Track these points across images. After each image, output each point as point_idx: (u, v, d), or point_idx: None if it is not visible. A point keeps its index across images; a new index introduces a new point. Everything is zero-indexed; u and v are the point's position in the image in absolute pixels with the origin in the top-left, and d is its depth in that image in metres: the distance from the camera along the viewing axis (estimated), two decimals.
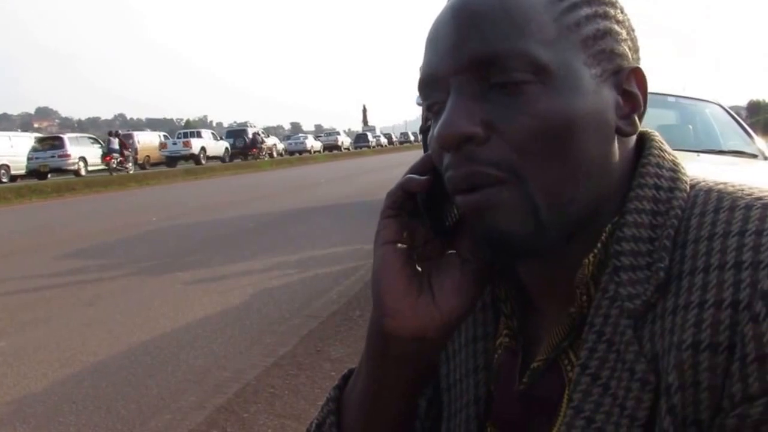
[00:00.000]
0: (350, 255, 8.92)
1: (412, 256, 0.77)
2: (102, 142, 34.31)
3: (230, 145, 44.01)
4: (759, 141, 6.18)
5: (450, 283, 0.76)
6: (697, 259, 0.65)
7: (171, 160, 39.72)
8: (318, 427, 0.88)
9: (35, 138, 33.95)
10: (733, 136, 6.15)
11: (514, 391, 0.80)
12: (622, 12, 0.77)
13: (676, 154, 0.78)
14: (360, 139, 71.60)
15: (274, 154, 49.23)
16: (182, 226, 13.10)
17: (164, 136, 44.07)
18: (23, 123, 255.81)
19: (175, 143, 40.44)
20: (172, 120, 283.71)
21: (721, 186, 0.72)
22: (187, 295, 7.30)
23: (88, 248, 10.88)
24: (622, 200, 0.73)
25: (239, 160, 42.53)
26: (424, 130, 11.25)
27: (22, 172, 31.32)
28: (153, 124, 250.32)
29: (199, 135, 42.61)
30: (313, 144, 61.08)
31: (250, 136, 45.72)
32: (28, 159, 31.28)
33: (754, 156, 5.76)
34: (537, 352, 0.78)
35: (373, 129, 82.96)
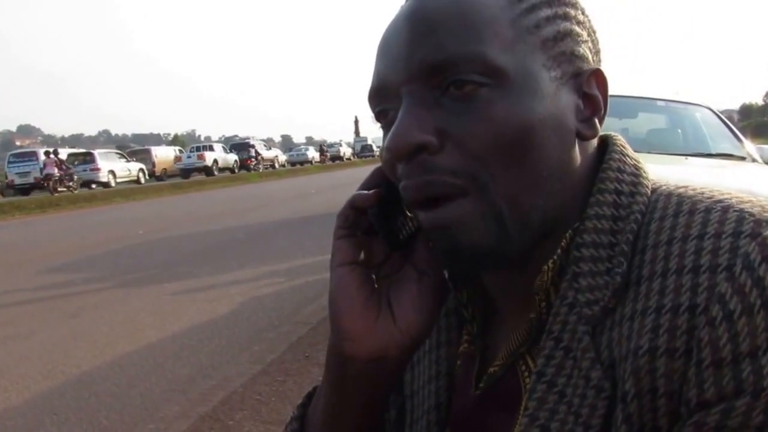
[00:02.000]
0: None
1: (368, 275, 0.77)
2: (127, 157, 40.34)
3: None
4: (748, 144, 6.23)
5: (408, 299, 0.75)
6: (656, 263, 0.65)
7: (185, 172, 43.05)
8: None
9: (68, 154, 36.50)
10: (722, 139, 6.19)
11: (471, 397, 0.80)
12: (582, 13, 0.76)
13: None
14: (365, 150, 76.58)
15: (276, 165, 52.39)
16: (170, 238, 13.06)
17: (179, 150, 49.11)
18: (5, 141, 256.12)
19: (189, 156, 44.66)
20: (159, 135, 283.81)
21: (681, 189, 0.71)
22: (175, 305, 7.25)
23: (73, 262, 10.82)
24: (583, 205, 0.72)
25: (244, 172, 45.60)
26: None
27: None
28: (139, 140, 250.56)
29: (211, 148, 46.65)
30: (314, 155, 65.76)
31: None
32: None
33: (743, 159, 5.80)
34: (496, 357, 0.78)
35: (365, 140, 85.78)
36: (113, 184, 35.61)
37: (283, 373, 4.80)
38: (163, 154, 45.59)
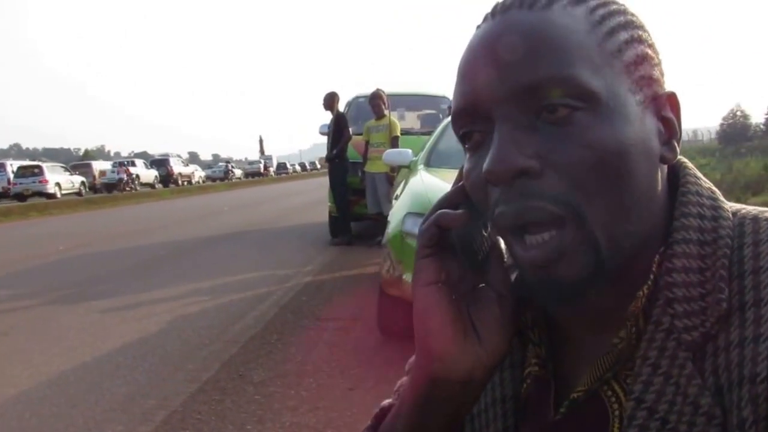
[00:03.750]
0: (261, 280, 8.84)
1: (452, 295, 0.72)
2: (70, 170, 40.82)
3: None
4: None
5: (491, 321, 0.72)
6: (761, 290, 0.62)
7: (109, 187, 43.32)
8: None
9: (17, 167, 37.38)
10: None
11: (549, 423, 0.75)
12: (650, 35, 0.73)
13: None
14: (280, 167, 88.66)
15: (193, 181, 53.95)
16: (91, 254, 12.62)
17: (112, 164, 49.57)
18: None
19: (113, 171, 45.32)
20: (69, 150, 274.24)
21: (767, 214, 0.69)
22: (104, 323, 7.04)
23: None
24: (665, 230, 0.70)
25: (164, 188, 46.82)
26: (330, 158, 11.32)
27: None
28: (50, 154, 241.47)
29: (133, 164, 48.12)
30: (234, 171, 70.63)
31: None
32: (13, 184, 35.59)
33: None
34: (569, 381, 0.75)
35: (270, 158, 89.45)
36: (59, 195, 35.80)
37: (220, 391, 4.75)
38: (102, 169, 47.25)
